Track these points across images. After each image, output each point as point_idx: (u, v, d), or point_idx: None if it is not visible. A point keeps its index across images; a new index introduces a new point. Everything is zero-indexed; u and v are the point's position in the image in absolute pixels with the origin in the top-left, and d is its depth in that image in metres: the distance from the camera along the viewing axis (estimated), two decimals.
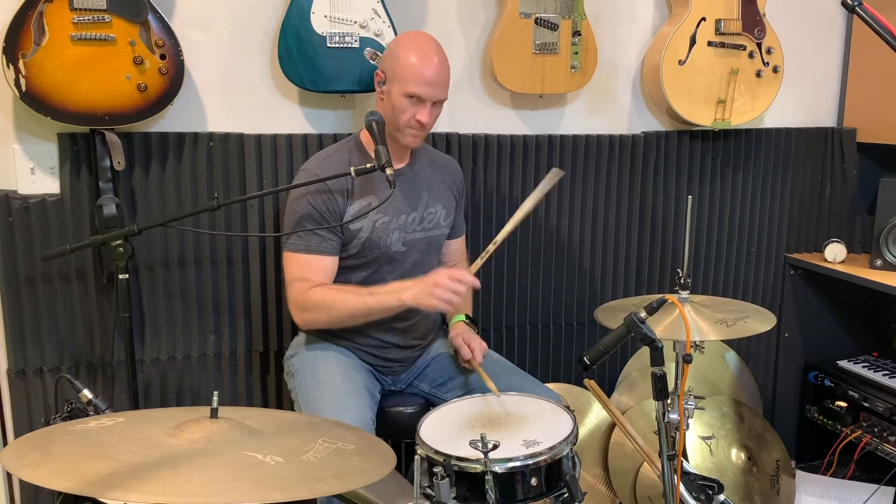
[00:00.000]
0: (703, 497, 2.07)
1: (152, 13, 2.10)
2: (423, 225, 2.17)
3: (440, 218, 2.21)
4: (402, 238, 2.13)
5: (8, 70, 2.01)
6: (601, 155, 2.71)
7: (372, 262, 2.12)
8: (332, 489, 1.18)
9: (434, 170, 2.23)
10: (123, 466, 1.14)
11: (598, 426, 2.68)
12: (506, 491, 1.62)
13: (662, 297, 1.69)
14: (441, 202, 2.21)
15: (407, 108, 2.03)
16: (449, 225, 2.26)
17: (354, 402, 1.93)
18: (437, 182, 2.22)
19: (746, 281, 3.00)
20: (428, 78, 2.02)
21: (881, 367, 2.89)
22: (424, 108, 2.03)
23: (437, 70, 2.04)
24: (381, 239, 2.10)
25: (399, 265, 2.14)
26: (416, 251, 2.16)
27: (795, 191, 3.01)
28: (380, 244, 2.10)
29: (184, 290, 2.35)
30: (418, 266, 2.17)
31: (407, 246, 2.14)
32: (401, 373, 2.23)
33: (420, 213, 2.16)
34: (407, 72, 2.03)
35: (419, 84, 2.02)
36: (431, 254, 2.22)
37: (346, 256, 2.11)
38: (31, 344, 2.24)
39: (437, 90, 2.04)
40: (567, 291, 2.76)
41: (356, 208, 2.07)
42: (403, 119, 2.04)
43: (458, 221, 2.33)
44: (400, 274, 2.13)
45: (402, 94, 2.03)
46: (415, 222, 2.15)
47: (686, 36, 2.62)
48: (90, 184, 2.22)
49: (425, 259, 2.19)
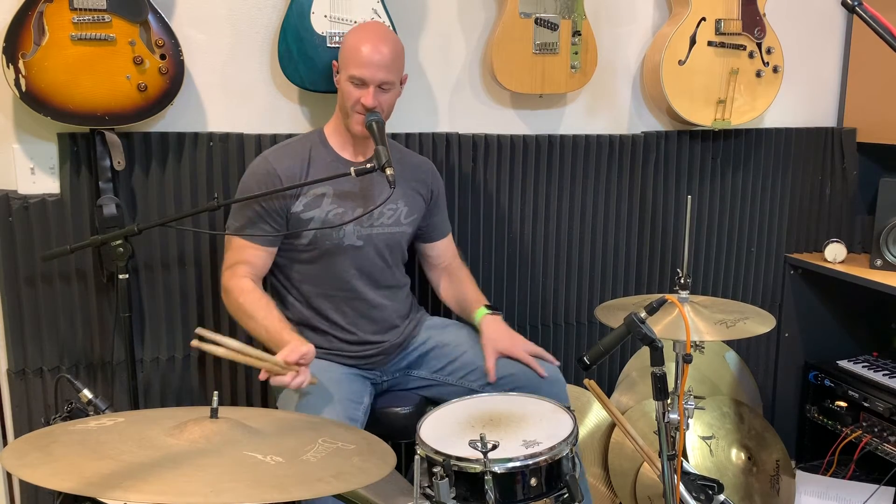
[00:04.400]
0: (703, 497, 2.07)
1: (152, 13, 2.10)
2: (382, 220, 2.15)
3: (401, 216, 2.18)
4: (358, 231, 2.12)
5: (8, 70, 2.01)
6: (601, 155, 2.71)
7: (324, 253, 2.10)
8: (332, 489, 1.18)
9: (401, 167, 2.15)
10: (123, 466, 1.14)
11: (598, 426, 2.68)
12: (505, 491, 1.62)
13: (662, 297, 1.69)
14: (403, 199, 2.18)
15: (352, 92, 2.04)
16: (412, 224, 2.22)
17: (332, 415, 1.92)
18: (401, 180, 2.16)
19: (746, 281, 3.00)
20: (366, 59, 2.01)
21: (881, 367, 2.89)
22: (368, 91, 2.03)
23: (376, 51, 2.03)
24: (333, 230, 2.09)
25: (353, 260, 2.13)
26: (372, 247, 2.14)
27: (795, 191, 3.01)
28: (332, 235, 2.09)
29: (184, 290, 2.35)
30: (377, 263, 2.15)
31: (363, 240, 2.13)
32: (385, 363, 2.21)
33: (379, 210, 2.13)
34: (349, 56, 2.05)
35: (359, 66, 2.02)
36: (394, 251, 2.19)
37: (299, 249, 2.11)
38: (31, 344, 2.24)
39: (377, 71, 2.02)
40: (567, 291, 2.76)
41: (308, 198, 2.07)
42: (349, 104, 2.05)
43: (437, 222, 2.30)
44: (356, 270, 2.13)
45: (346, 78, 2.05)
46: (372, 217, 2.13)
47: (686, 36, 2.62)
48: (90, 184, 2.22)
49: (384, 256, 2.17)
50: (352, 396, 2.04)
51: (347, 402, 2.01)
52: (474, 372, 2.14)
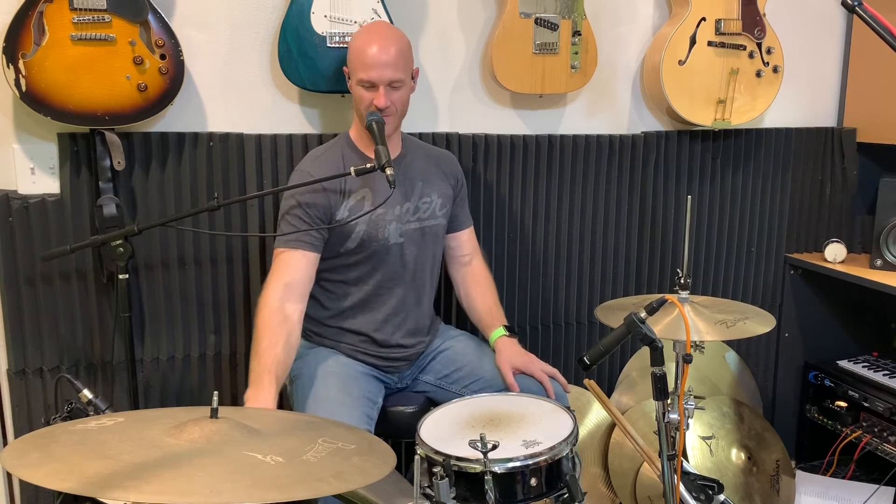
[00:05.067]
0: (703, 497, 2.07)
1: (152, 13, 2.10)
2: (419, 215, 2.17)
3: (436, 207, 2.21)
4: (399, 229, 2.13)
5: (8, 70, 2.01)
6: (601, 155, 2.71)
7: (371, 255, 2.12)
8: (332, 489, 1.18)
9: (428, 161, 2.23)
10: (123, 466, 1.14)
11: (598, 426, 2.68)
12: (505, 491, 1.62)
13: (662, 297, 1.69)
14: (436, 191, 2.21)
15: (363, 95, 2.05)
16: (445, 215, 2.24)
17: (349, 414, 1.92)
18: (431, 172, 2.22)
19: (746, 281, 3.00)
20: (371, 60, 2.02)
21: (881, 367, 2.89)
22: (379, 92, 2.03)
23: (381, 51, 2.03)
24: (378, 231, 2.10)
25: (397, 258, 2.14)
26: (412, 242, 2.16)
27: (795, 191, 3.01)
28: (377, 236, 2.10)
29: (184, 290, 2.35)
30: (417, 260, 2.17)
31: (404, 237, 2.14)
32: (406, 369, 2.22)
33: (414, 203, 2.16)
34: (356, 60, 2.06)
35: (367, 68, 2.02)
36: (428, 246, 2.21)
37: (344, 253, 2.11)
38: (31, 344, 2.24)
39: (383, 71, 2.02)
40: (567, 291, 2.76)
41: (352, 203, 2.08)
42: (363, 107, 2.06)
43: (459, 213, 2.31)
44: (401, 268, 2.14)
45: (357, 83, 2.06)
46: (409, 212, 2.15)
47: (686, 36, 2.62)
48: (90, 184, 2.22)
49: (422, 252, 2.19)
50: (369, 395, 2.06)
51: (365, 400, 2.03)
52: (478, 382, 2.14)
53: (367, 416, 1.98)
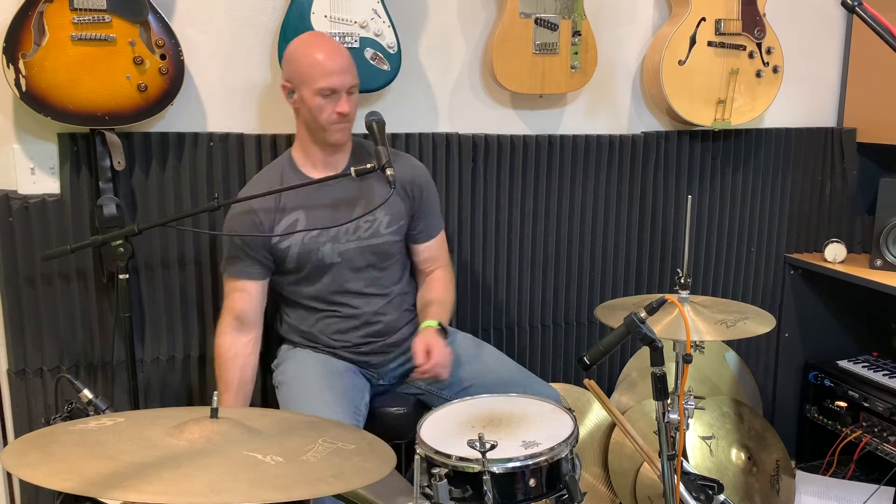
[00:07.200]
0: (703, 497, 2.07)
1: (152, 13, 2.10)
2: (359, 234, 2.12)
3: (380, 226, 2.14)
4: (336, 249, 2.10)
5: (8, 70, 2.01)
6: (601, 155, 2.71)
7: (313, 272, 2.12)
8: (332, 489, 1.18)
9: (377, 174, 2.02)
10: (123, 466, 1.14)
11: (598, 426, 2.68)
12: (504, 491, 1.62)
13: (662, 297, 1.69)
14: (382, 209, 2.10)
15: (324, 105, 2.02)
16: (397, 232, 2.16)
17: (334, 406, 1.93)
18: (377, 189, 2.10)
19: (746, 281, 3.00)
20: (332, 67, 2.01)
21: (881, 367, 2.89)
22: (341, 99, 2.02)
23: (337, 57, 2.03)
24: (311, 252, 2.09)
25: (343, 274, 2.12)
26: (358, 260, 2.12)
27: (795, 191, 3.01)
28: (311, 257, 2.09)
29: (184, 290, 2.35)
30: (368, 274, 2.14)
31: (342, 256, 2.11)
32: (380, 367, 2.20)
33: (354, 223, 2.11)
34: (312, 70, 2.01)
35: (328, 76, 2.00)
36: (379, 262, 2.15)
37: (288, 271, 2.13)
38: (31, 344, 2.24)
39: (345, 77, 2.02)
40: (567, 291, 2.76)
41: (285, 224, 2.08)
42: (324, 117, 2.03)
43: (420, 225, 2.21)
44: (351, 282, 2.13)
45: (314, 93, 2.01)
46: (347, 232, 2.10)
47: (686, 36, 2.62)
48: (90, 184, 2.22)
49: (373, 267, 2.15)
50: (354, 389, 2.07)
51: (354, 392, 2.04)
52: (468, 389, 2.11)
53: (353, 407, 1.98)
